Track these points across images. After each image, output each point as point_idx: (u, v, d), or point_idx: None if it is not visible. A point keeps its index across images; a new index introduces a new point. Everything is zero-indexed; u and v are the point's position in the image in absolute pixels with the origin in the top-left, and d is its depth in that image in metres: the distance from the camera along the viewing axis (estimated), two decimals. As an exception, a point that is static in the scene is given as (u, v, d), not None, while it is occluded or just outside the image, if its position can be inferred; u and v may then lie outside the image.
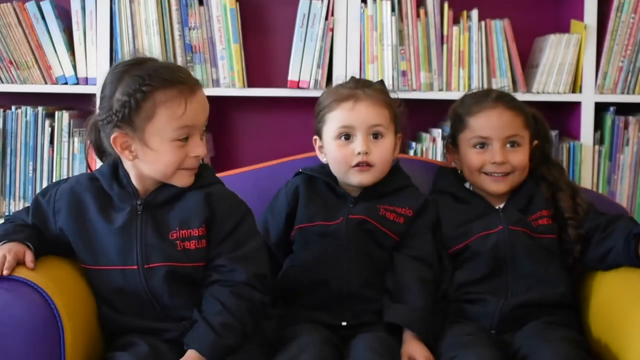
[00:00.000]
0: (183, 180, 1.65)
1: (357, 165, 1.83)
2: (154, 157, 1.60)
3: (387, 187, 1.88)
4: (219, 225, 1.65)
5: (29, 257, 1.59)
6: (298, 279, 1.85)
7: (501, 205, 1.93)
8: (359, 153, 1.82)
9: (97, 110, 1.65)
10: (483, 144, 1.92)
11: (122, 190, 1.66)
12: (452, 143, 2.01)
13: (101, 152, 1.71)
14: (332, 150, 1.86)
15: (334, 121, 1.85)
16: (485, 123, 1.91)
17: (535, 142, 1.97)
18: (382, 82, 1.96)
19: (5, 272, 1.52)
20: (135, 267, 1.62)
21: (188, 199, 1.65)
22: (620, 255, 1.76)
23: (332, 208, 1.86)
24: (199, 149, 1.63)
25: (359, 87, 1.86)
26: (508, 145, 1.91)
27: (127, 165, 1.65)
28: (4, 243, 1.60)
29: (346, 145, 1.84)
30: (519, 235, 1.85)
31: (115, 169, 1.68)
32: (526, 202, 1.92)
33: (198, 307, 1.62)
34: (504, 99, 1.94)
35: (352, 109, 1.83)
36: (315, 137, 1.93)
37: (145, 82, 1.57)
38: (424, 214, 1.89)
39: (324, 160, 1.92)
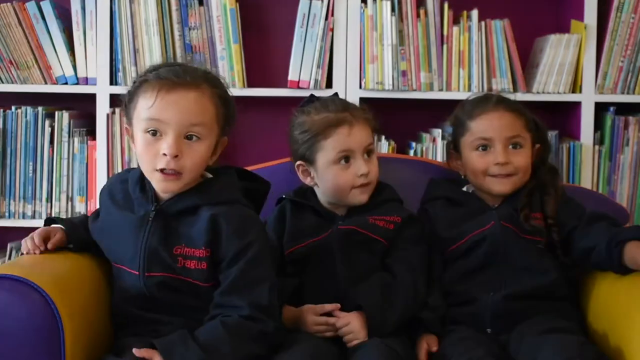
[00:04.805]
0: (159, 184, 1.62)
1: (360, 185, 1.85)
2: (137, 149, 1.64)
3: (373, 201, 1.89)
4: (223, 249, 1.61)
5: (53, 239, 1.67)
6: (295, 297, 1.84)
7: (497, 204, 1.94)
8: (362, 175, 1.84)
9: None
10: (485, 146, 1.91)
11: (143, 194, 1.67)
12: (454, 149, 2.01)
13: None
14: (331, 175, 1.86)
15: (331, 147, 1.84)
16: (487, 125, 1.91)
17: (537, 145, 1.97)
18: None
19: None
20: (137, 272, 1.62)
21: (199, 216, 1.63)
22: (604, 260, 1.76)
23: (320, 228, 1.87)
24: (165, 145, 1.57)
25: (346, 109, 1.86)
26: (510, 146, 1.91)
27: None
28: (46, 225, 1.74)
29: (347, 169, 1.84)
30: (509, 232, 1.86)
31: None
32: (523, 203, 1.91)
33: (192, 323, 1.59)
34: (504, 102, 1.95)
35: (350, 134, 1.83)
36: (301, 162, 1.91)
37: (143, 74, 1.64)
38: (410, 226, 1.89)
39: (310, 184, 1.91)
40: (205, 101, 1.63)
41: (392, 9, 2.45)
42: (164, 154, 1.58)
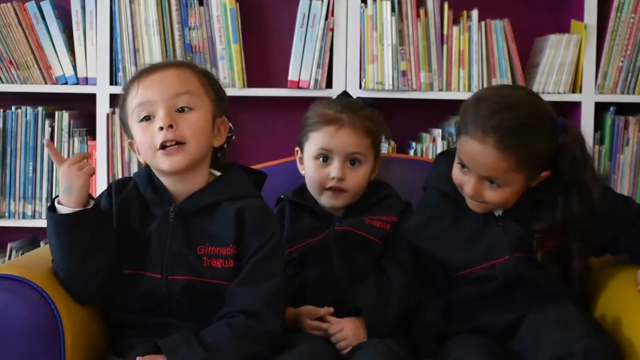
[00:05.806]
0: (164, 163, 1.59)
1: (330, 188, 1.85)
2: (137, 142, 1.62)
3: (370, 201, 1.89)
4: (247, 244, 1.60)
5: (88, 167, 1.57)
6: (296, 297, 1.84)
7: (500, 213, 1.78)
8: (333, 178, 1.84)
9: None
10: (466, 168, 1.73)
11: (157, 195, 1.64)
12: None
13: None
14: (309, 168, 1.88)
15: (315, 141, 1.86)
16: (469, 154, 1.70)
17: (545, 173, 1.72)
18: (372, 103, 1.93)
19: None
20: (159, 276, 1.59)
21: (221, 212, 1.62)
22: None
23: (318, 229, 1.87)
24: (158, 121, 1.57)
25: (346, 111, 1.85)
26: (487, 182, 1.70)
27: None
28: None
29: (323, 168, 1.85)
30: (523, 261, 1.75)
31: (151, 172, 1.66)
32: (531, 210, 1.76)
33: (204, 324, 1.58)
34: (498, 135, 1.64)
35: (334, 135, 1.84)
36: (297, 148, 1.93)
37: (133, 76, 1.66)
38: (407, 217, 1.89)
39: (302, 172, 1.93)
40: (187, 74, 1.64)
41: (392, 9, 2.45)
42: (160, 128, 1.57)
